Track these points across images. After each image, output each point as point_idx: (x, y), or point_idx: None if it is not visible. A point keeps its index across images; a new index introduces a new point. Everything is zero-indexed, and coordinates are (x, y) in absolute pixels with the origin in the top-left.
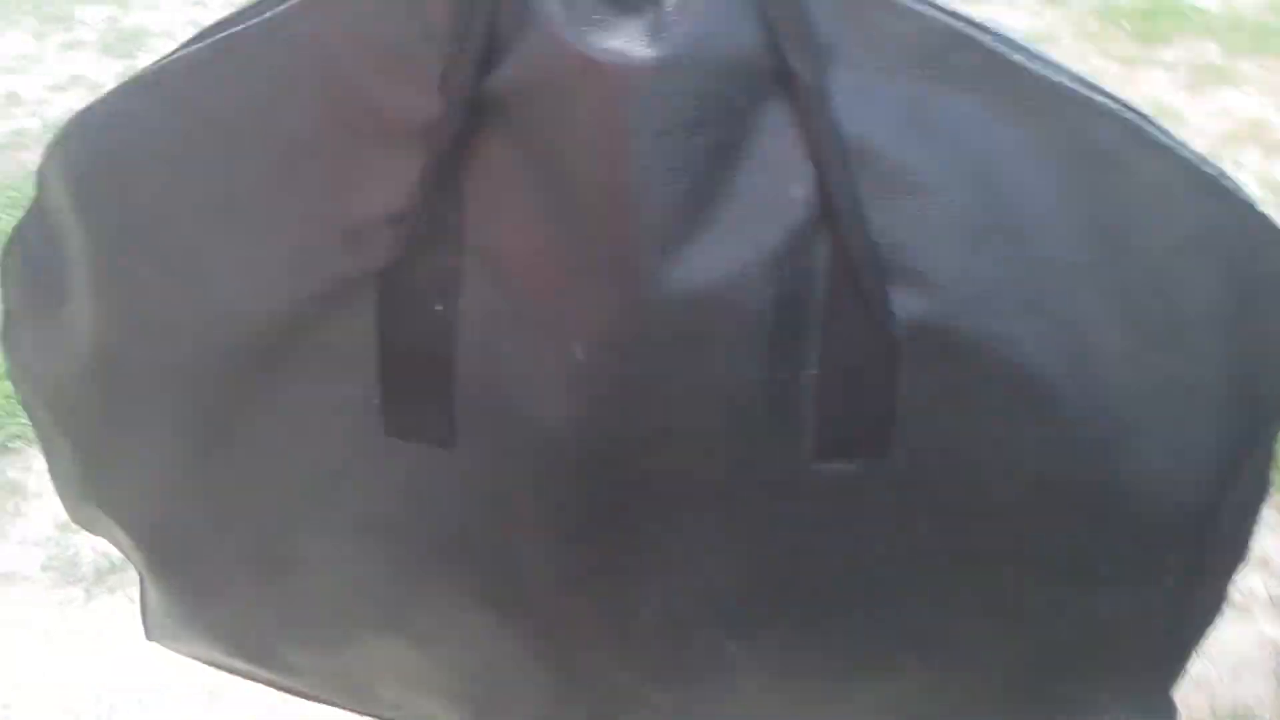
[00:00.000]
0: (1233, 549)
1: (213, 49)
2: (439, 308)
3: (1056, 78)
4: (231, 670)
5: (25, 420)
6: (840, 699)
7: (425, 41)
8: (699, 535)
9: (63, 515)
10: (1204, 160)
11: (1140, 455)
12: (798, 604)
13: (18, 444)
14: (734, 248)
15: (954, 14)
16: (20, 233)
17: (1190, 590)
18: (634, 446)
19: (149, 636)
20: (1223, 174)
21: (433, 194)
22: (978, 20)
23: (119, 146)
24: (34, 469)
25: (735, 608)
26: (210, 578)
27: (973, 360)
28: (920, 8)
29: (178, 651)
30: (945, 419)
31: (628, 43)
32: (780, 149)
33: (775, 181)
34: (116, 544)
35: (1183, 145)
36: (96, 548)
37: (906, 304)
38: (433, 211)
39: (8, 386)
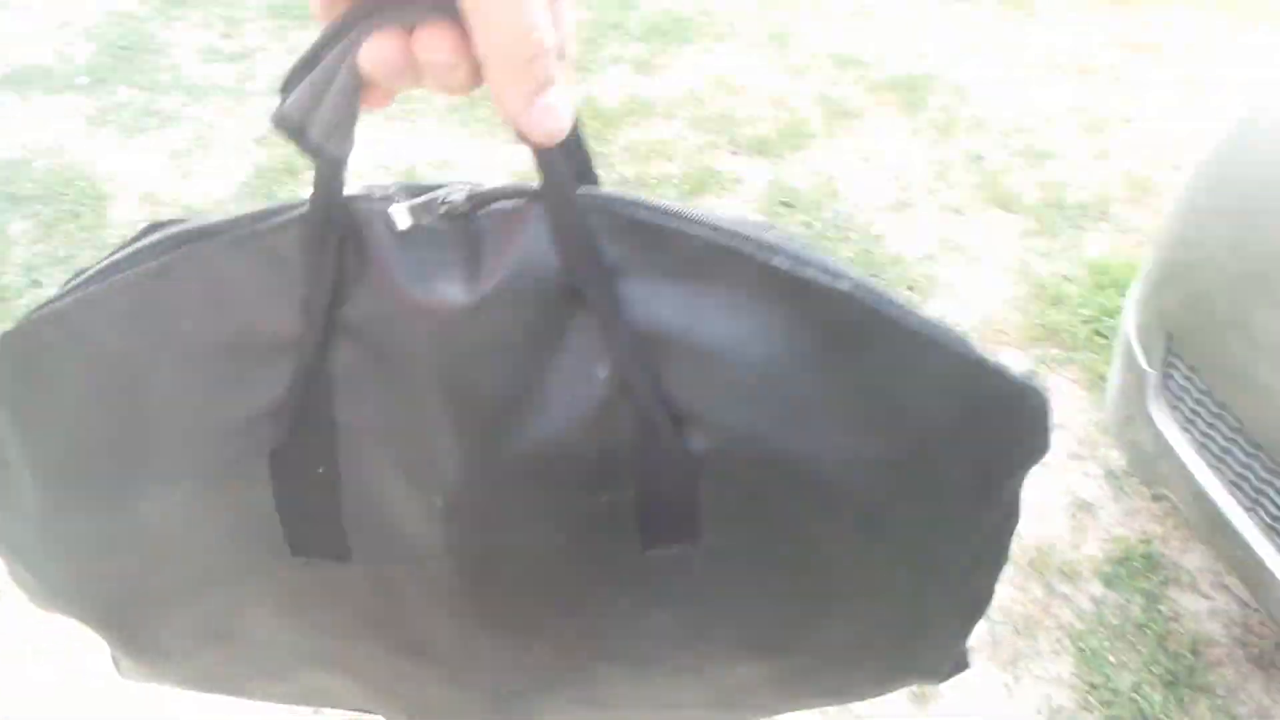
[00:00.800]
0: (979, 595)
1: (109, 290)
2: (321, 470)
3: (802, 271)
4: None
5: None
6: (683, 694)
7: (289, 285)
8: (563, 611)
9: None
10: (926, 320)
11: (897, 525)
12: (648, 646)
13: None
14: (555, 418)
15: (716, 227)
16: None
17: (957, 620)
18: (497, 561)
19: (123, 677)
20: (943, 326)
21: (304, 390)
22: (741, 228)
23: (37, 370)
24: None
25: (592, 661)
26: (169, 649)
27: (755, 468)
28: (685, 227)
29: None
30: (740, 507)
31: (449, 285)
32: (586, 340)
33: (583, 365)
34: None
35: (908, 309)
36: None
37: (698, 442)
38: (305, 403)
39: None
